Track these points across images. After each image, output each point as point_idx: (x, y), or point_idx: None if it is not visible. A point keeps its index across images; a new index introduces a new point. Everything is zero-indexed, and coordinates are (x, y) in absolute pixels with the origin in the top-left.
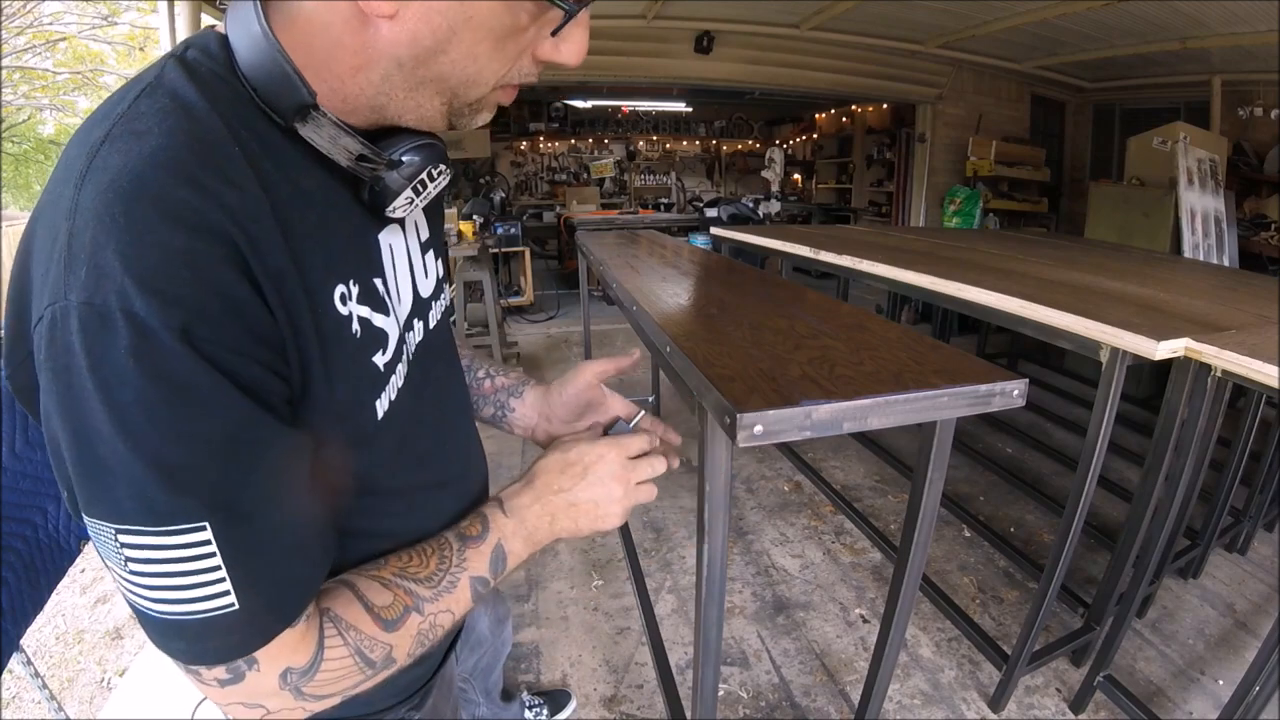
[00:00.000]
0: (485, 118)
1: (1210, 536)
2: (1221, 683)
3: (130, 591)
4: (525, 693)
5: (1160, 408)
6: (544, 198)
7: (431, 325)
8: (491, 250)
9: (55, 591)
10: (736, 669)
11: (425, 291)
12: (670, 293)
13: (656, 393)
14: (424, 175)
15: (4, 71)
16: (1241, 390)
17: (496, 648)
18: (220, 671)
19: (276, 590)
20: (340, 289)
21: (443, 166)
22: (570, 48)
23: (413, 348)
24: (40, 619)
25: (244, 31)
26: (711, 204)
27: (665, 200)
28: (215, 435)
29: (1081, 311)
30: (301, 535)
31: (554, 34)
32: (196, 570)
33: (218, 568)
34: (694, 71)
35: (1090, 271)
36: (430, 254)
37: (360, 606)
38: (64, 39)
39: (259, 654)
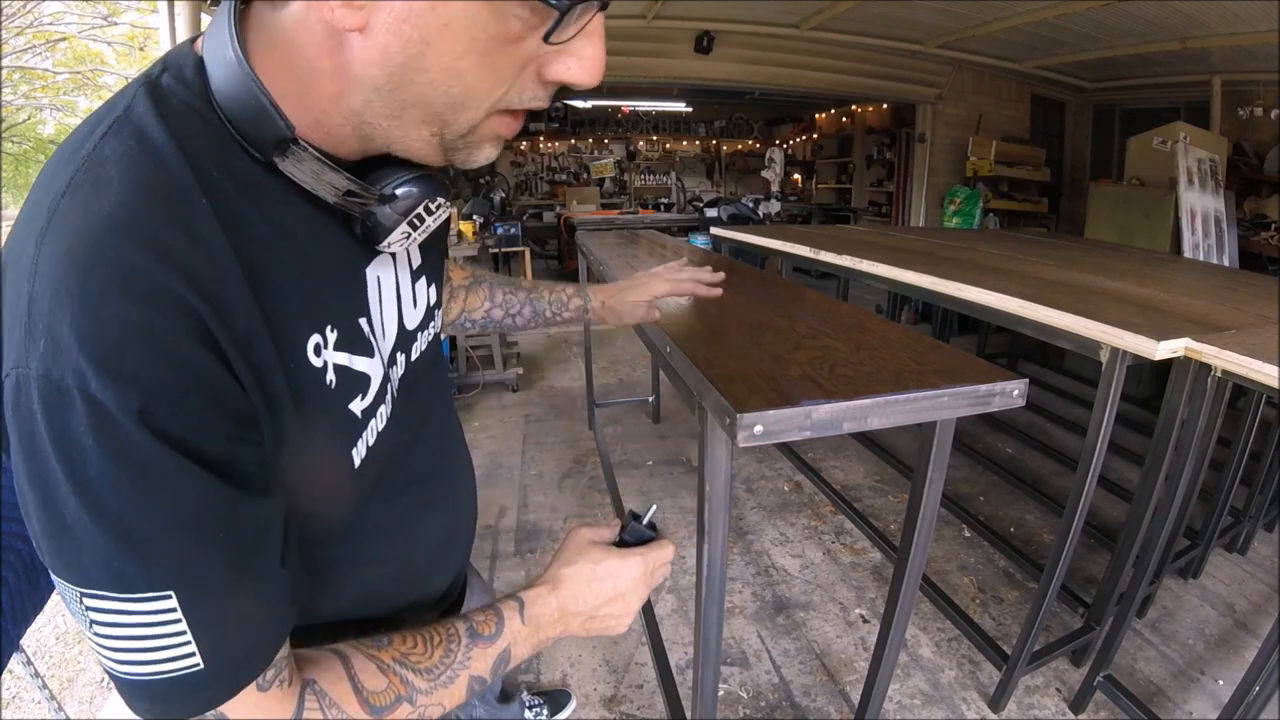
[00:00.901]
0: (488, 153)
1: (1210, 536)
2: (1221, 683)
3: (96, 650)
4: (525, 692)
5: (1160, 408)
6: (544, 198)
7: (414, 357)
8: (491, 250)
9: (55, 591)
10: (736, 669)
11: (411, 323)
12: None
13: (656, 393)
14: (420, 210)
15: (4, 71)
16: (1241, 390)
17: None
18: None
19: (241, 652)
20: (315, 340)
21: (441, 200)
22: (580, 65)
23: (396, 384)
24: (40, 619)
25: (219, 57)
26: (711, 204)
27: (665, 200)
28: (180, 510)
29: (1081, 311)
30: (268, 602)
31: (546, 39)
32: (162, 635)
33: (183, 633)
34: (694, 71)
35: (1090, 271)
36: (422, 281)
37: (349, 686)
38: (64, 39)
39: (229, 712)
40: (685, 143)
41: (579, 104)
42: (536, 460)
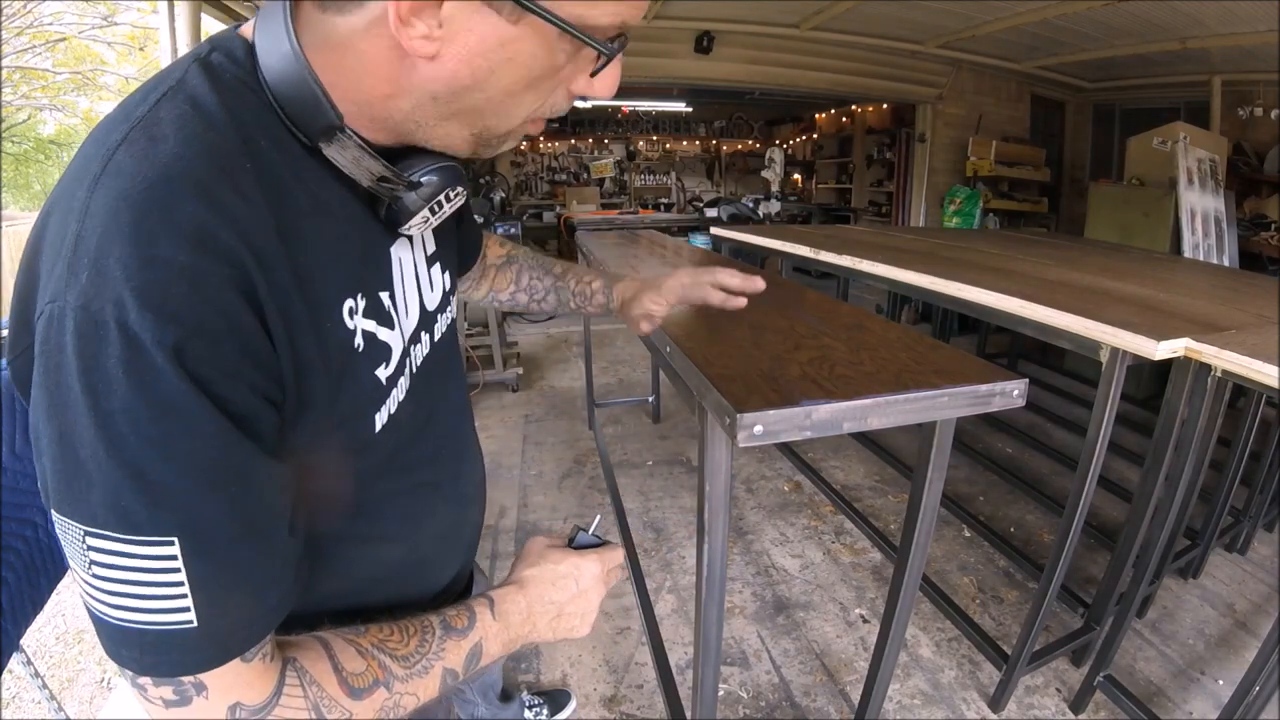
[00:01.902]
0: (510, 144)
1: (1210, 536)
2: (1221, 683)
3: (89, 594)
4: (525, 692)
5: (1160, 408)
6: (544, 198)
7: (437, 338)
8: None
9: (55, 591)
10: (736, 669)
11: (431, 305)
12: None
13: (656, 393)
14: (440, 196)
15: (4, 71)
16: (1241, 390)
17: None
18: (167, 691)
19: (237, 618)
20: (349, 303)
21: (459, 189)
22: (604, 83)
23: (418, 361)
24: (40, 619)
25: (273, 44)
26: (711, 204)
27: (665, 200)
28: (196, 456)
29: (1081, 311)
30: (271, 569)
31: (593, 75)
32: (160, 583)
33: (181, 584)
34: (694, 71)
35: (1090, 271)
36: (437, 267)
37: (329, 665)
38: (64, 39)
39: (209, 681)
40: (685, 143)
41: (579, 104)
42: (536, 460)
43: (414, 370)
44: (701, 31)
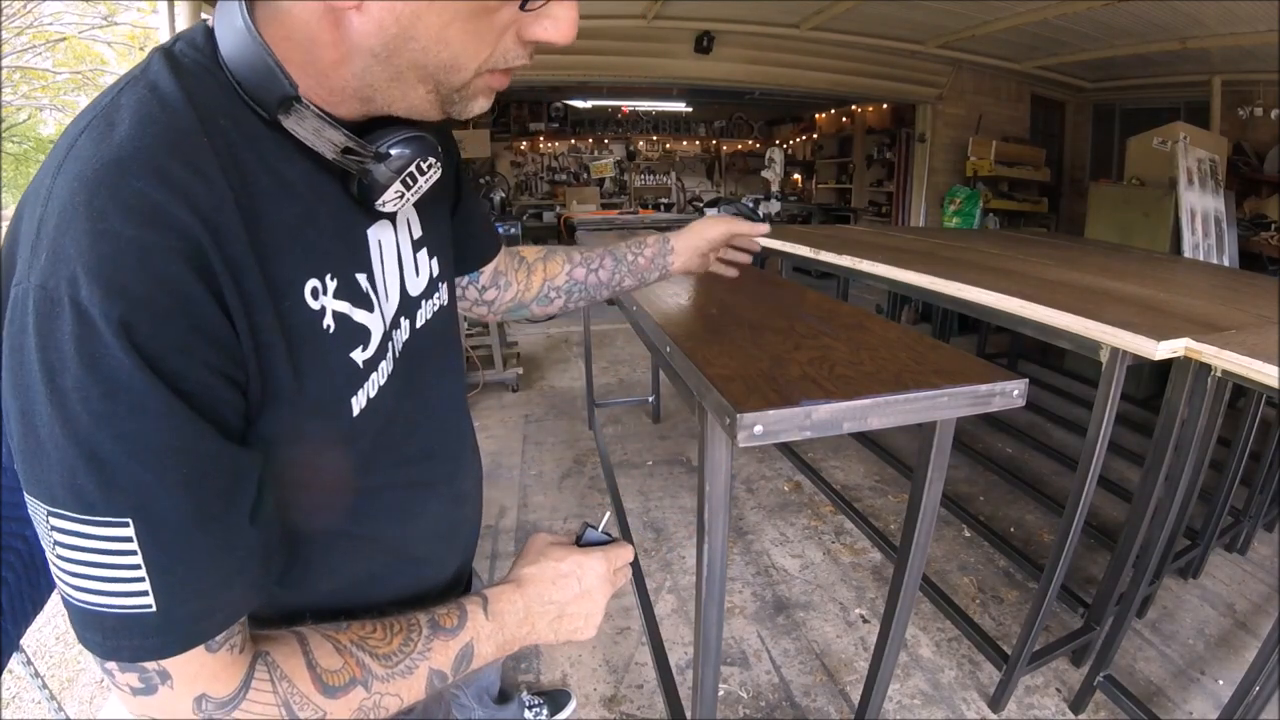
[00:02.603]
0: (482, 104)
1: (1210, 536)
2: (1221, 683)
3: (57, 575)
4: (525, 692)
5: (1160, 408)
6: (544, 198)
7: (419, 325)
8: None
9: (55, 591)
10: (736, 669)
11: (414, 290)
12: (670, 293)
13: (656, 393)
14: (413, 169)
15: (4, 71)
16: (1241, 390)
17: None
18: (133, 678)
19: (198, 605)
20: (313, 283)
21: (432, 160)
22: (555, 25)
23: (399, 345)
24: (40, 619)
25: (228, 25)
26: (711, 204)
27: (665, 200)
28: (147, 436)
29: (1081, 311)
30: (232, 557)
31: (523, 7)
32: (118, 565)
33: (138, 566)
34: (694, 71)
35: (1090, 271)
36: (424, 252)
37: (302, 661)
38: (64, 39)
39: (174, 670)
40: (685, 143)
41: (579, 104)
42: (536, 460)
43: (396, 355)
44: (701, 31)
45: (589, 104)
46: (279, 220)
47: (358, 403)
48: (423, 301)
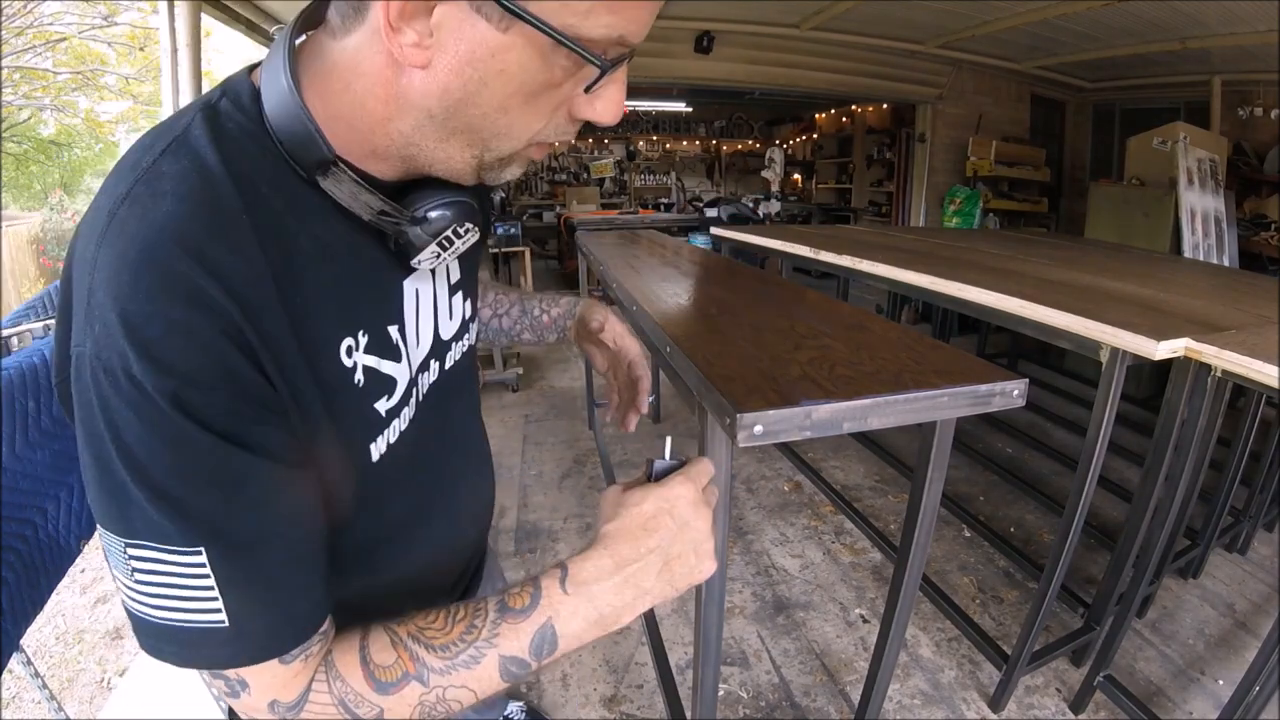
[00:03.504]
0: (514, 172)
1: (1210, 536)
2: (1221, 683)
3: (132, 598)
4: (512, 701)
5: (1160, 408)
6: (544, 198)
7: (448, 366)
8: (491, 250)
9: (55, 591)
10: (736, 669)
11: (446, 334)
12: (670, 293)
13: (657, 393)
14: (449, 233)
15: (4, 71)
16: (1241, 390)
17: None
18: (221, 684)
19: (268, 620)
20: (347, 342)
21: (470, 225)
22: (605, 106)
23: (424, 389)
24: (40, 619)
25: (273, 84)
26: (711, 204)
27: (665, 200)
28: (211, 478)
29: (1081, 311)
30: (298, 577)
31: (588, 90)
32: (194, 587)
33: (211, 588)
34: (694, 71)
35: (1090, 271)
36: (459, 295)
37: (357, 658)
38: (64, 39)
39: (249, 678)
40: (685, 143)
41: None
42: (536, 460)
43: (420, 399)
44: (701, 31)
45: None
46: (317, 283)
47: (376, 449)
48: (453, 344)
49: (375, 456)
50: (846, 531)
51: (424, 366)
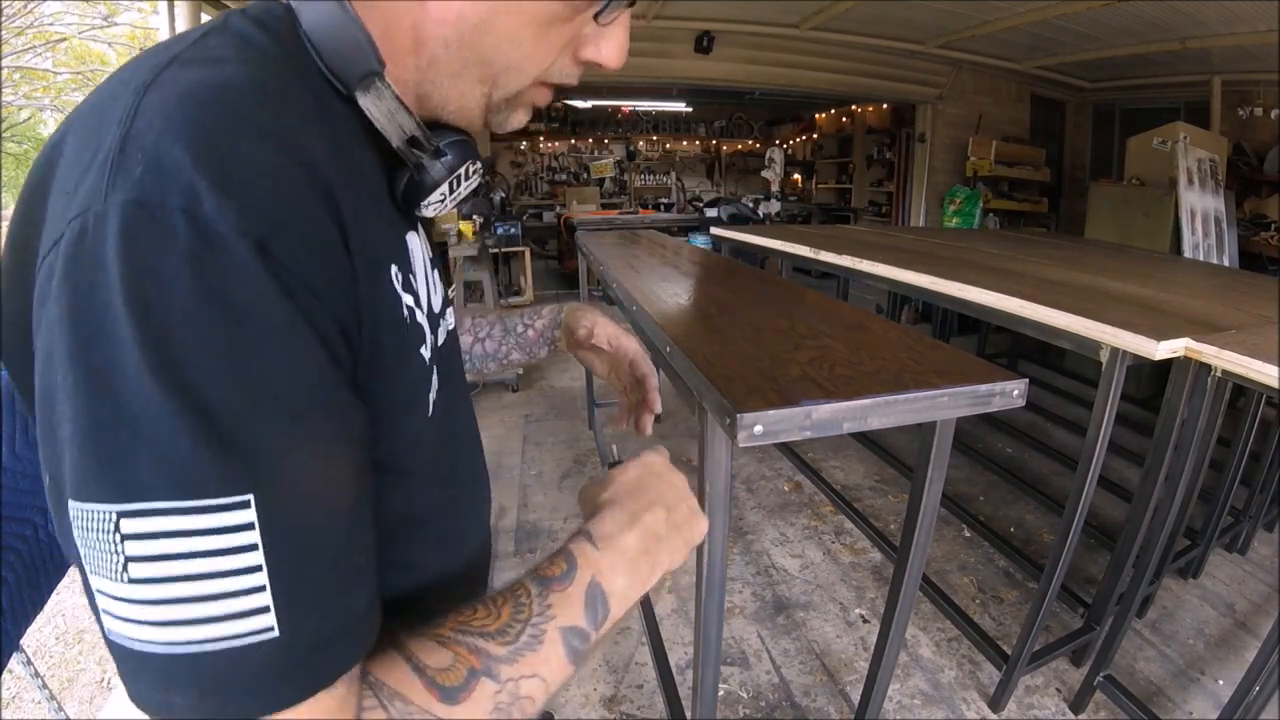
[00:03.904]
0: (520, 118)
1: (1210, 536)
2: (1221, 683)
3: (122, 616)
4: None
5: (1160, 408)
6: (544, 198)
7: (440, 341)
8: (491, 250)
9: (55, 591)
10: (736, 669)
11: (436, 305)
12: (670, 293)
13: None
14: (461, 172)
15: (4, 71)
16: (1241, 390)
17: None
18: None
19: (330, 620)
20: (394, 267)
21: (478, 165)
22: (610, 47)
23: (437, 352)
24: (40, 619)
25: None
26: (711, 204)
27: (665, 200)
28: (280, 382)
29: (1081, 311)
30: (364, 547)
31: (597, 17)
32: (231, 571)
33: (258, 567)
34: (694, 71)
35: (1090, 271)
36: (435, 272)
37: (408, 667)
38: (64, 39)
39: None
40: (685, 143)
41: (579, 104)
42: (536, 460)
43: (438, 361)
44: (701, 31)
45: (589, 104)
46: (363, 199)
47: (431, 403)
48: (440, 320)
49: (429, 411)
50: (846, 531)
51: (434, 328)
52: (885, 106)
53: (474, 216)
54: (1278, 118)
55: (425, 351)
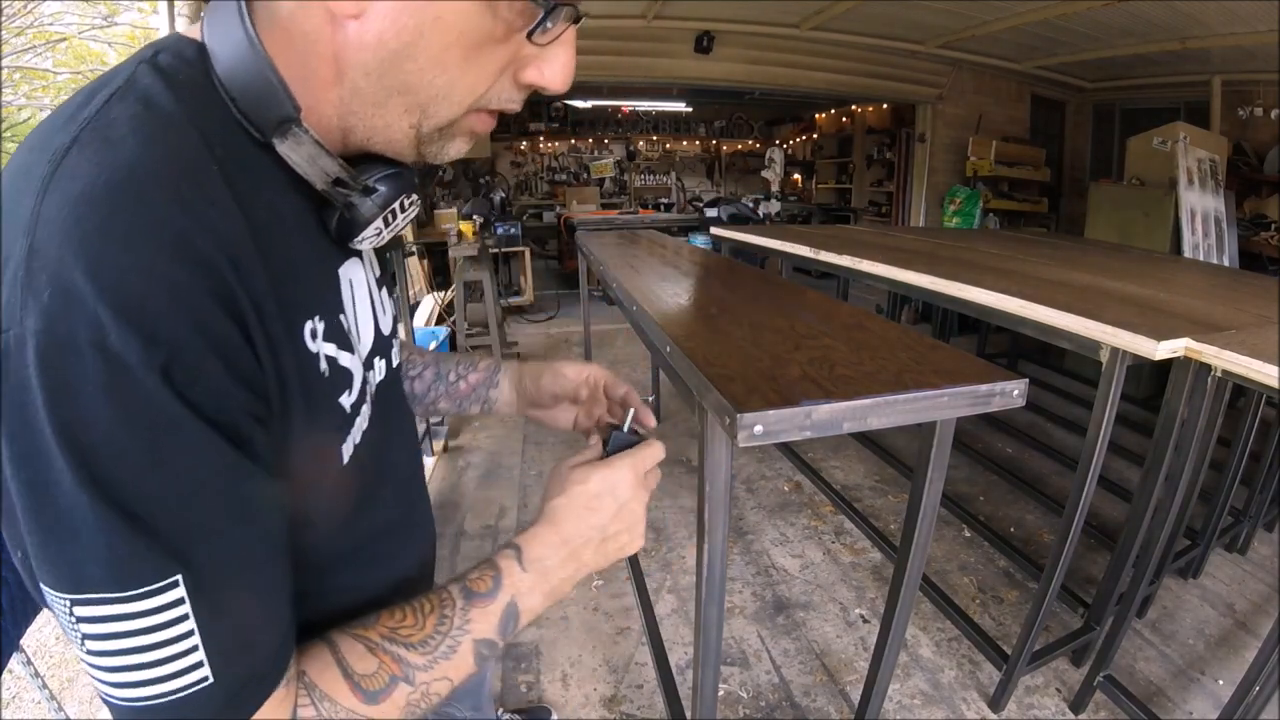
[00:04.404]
0: (459, 147)
1: (1210, 536)
2: (1221, 683)
3: (92, 675)
4: (502, 710)
5: (1160, 408)
6: (544, 198)
7: (394, 363)
8: (491, 250)
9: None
10: (736, 669)
11: (385, 328)
12: (670, 293)
13: (656, 393)
14: (396, 205)
15: (4, 71)
16: (1241, 390)
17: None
18: None
19: (255, 656)
20: (310, 324)
21: (414, 197)
22: (554, 69)
23: (373, 387)
24: (40, 619)
25: (225, 36)
26: (711, 204)
27: (665, 200)
28: (193, 477)
29: (1081, 311)
30: (278, 593)
31: (529, 35)
32: (165, 640)
33: (190, 634)
34: (694, 71)
35: (1090, 271)
36: (384, 291)
37: (338, 672)
38: (64, 39)
39: None
40: (685, 143)
41: (579, 104)
42: (536, 460)
43: (372, 397)
44: (701, 31)
45: (589, 104)
46: (277, 254)
47: (346, 450)
48: (392, 340)
49: (346, 458)
50: (846, 531)
51: (369, 364)
52: (885, 106)
53: (474, 216)
54: (1278, 118)
55: (348, 399)
